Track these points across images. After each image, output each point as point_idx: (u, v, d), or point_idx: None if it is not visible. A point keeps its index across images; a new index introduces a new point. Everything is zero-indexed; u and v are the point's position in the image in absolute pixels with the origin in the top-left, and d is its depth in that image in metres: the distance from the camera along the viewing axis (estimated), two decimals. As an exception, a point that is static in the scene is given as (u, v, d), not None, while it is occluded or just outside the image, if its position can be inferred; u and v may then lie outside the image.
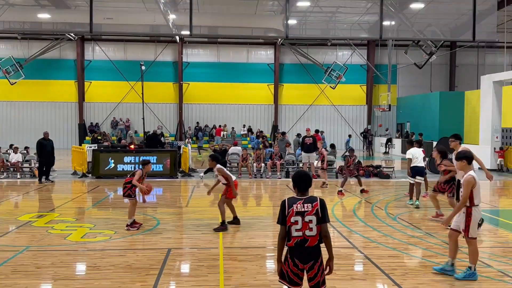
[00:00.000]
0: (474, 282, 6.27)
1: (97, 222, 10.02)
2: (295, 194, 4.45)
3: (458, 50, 36.62)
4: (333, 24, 32.68)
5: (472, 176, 6.28)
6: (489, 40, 25.82)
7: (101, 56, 37.86)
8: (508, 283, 6.26)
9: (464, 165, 6.49)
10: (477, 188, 6.28)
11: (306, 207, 4.24)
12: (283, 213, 4.30)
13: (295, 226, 4.23)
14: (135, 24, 24.46)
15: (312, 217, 4.22)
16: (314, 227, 4.22)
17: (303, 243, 4.23)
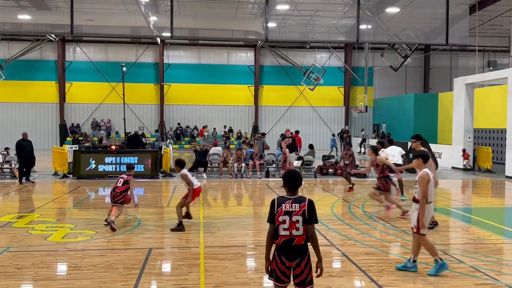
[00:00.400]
0: (447, 277, 6.51)
1: (78, 222, 10.06)
2: (285, 193, 4.52)
3: (432, 53, 37.42)
4: (312, 27, 33.10)
5: (427, 173, 6.55)
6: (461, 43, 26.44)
7: (82, 57, 37.57)
8: (480, 278, 6.50)
9: (420, 163, 6.74)
10: (430, 185, 6.53)
11: (293, 207, 4.31)
12: (272, 212, 4.37)
13: (283, 225, 4.30)
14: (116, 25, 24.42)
15: (298, 217, 4.28)
16: (301, 227, 4.29)
17: (290, 242, 4.31)
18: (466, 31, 22.75)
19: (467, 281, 6.38)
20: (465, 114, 22.37)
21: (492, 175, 20.32)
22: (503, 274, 6.77)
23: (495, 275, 6.63)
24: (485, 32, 33.98)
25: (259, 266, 7.11)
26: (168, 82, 38.15)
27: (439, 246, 8.14)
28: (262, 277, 6.59)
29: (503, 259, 7.68)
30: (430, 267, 6.85)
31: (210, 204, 13.01)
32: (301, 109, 39.70)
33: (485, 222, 10.57)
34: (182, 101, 38.72)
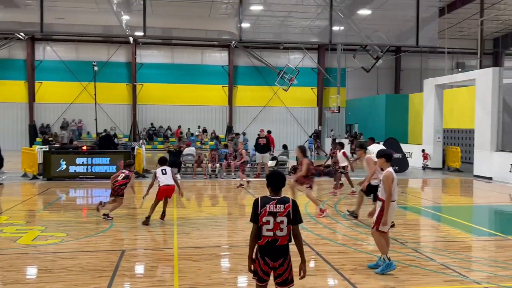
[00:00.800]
0: (418, 275, 6.64)
1: (48, 224, 9.87)
2: (268, 193, 4.50)
3: (403, 55, 38.12)
4: (285, 28, 33.24)
5: (391, 172, 6.64)
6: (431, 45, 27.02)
7: (52, 56, 36.82)
8: (449, 275, 6.65)
9: (383, 162, 6.83)
10: (394, 184, 6.60)
11: (278, 208, 4.30)
12: (255, 212, 4.34)
13: (266, 225, 4.29)
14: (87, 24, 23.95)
15: (283, 218, 4.28)
16: (285, 227, 4.29)
17: (273, 243, 4.31)
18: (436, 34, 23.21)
19: (437, 278, 6.53)
20: (435, 114, 22.85)
21: (461, 174, 20.83)
22: (472, 271, 6.96)
23: (464, 272, 6.80)
24: (454, 34, 34.78)
25: (233, 267, 7.13)
26: (140, 81, 37.75)
27: (410, 244, 8.31)
28: (236, 277, 6.61)
29: (472, 256, 7.90)
30: (401, 264, 6.99)
31: (184, 205, 12.94)
32: (275, 109, 39.87)
33: (454, 220, 10.84)
34: (155, 101, 38.38)
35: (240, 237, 8.96)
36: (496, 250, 8.26)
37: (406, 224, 10.19)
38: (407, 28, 30.32)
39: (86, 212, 11.57)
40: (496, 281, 6.42)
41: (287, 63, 34.91)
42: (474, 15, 31.03)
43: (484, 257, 7.82)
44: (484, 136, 19.10)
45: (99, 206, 10.31)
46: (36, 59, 36.79)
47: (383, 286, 6.20)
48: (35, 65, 36.66)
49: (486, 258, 7.69)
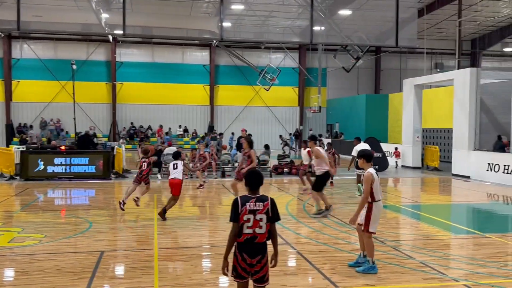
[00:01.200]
0: (398, 273, 6.71)
1: (25, 226, 9.69)
2: (247, 192, 4.58)
3: (383, 55, 38.52)
4: (266, 28, 33.29)
5: (371, 173, 6.58)
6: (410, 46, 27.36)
7: (30, 55, 36.15)
8: (428, 273, 6.73)
9: (363, 163, 6.80)
10: (376, 184, 6.59)
11: (257, 206, 4.42)
12: (235, 211, 4.42)
13: (247, 223, 4.39)
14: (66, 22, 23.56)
15: (263, 216, 4.40)
16: (264, 225, 4.41)
17: (253, 240, 4.42)
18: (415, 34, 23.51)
19: (417, 276, 6.60)
20: (414, 114, 23.12)
21: (439, 173, 21.12)
22: (450, 269, 7.06)
23: (443, 270, 6.89)
24: (433, 35, 35.29)
25: (214, 267, 7.09)
26: (120, 80, 37.36)
27: (390, 242, 8.39)
28: (217, 277, 6.57)
29: (450, 254, 8.01)
30: (381, 263, 7.04)
31: (164, 205, 12.82)
32: (256, 109, 39.89)
33: (433, 219, 10.98)
34: (135, 100, 38.02)
35: (220, 237, 8.92)
36: (474, 248, 8.39)
37: (386, 223, 10.29)
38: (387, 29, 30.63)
39: (65, 213, 11.41)
40: (474, 278, 6.51)
41: (269, 62, 34.98)
42: (452, 16, 31.54)
43: (462, 255, 7.94)
44: (462, 135, 19.40)
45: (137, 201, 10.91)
46: (13, 58, 36.11)
47: (364, 284, 6.24)
48: (12, 63, 35.98)
49: (464, 256, 7.81)
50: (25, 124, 36.15)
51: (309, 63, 40.00)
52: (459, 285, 6.29)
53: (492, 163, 17.78)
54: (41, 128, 35.84)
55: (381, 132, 30.71)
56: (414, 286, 6.24)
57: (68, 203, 13.62)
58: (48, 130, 35.31)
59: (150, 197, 13.91)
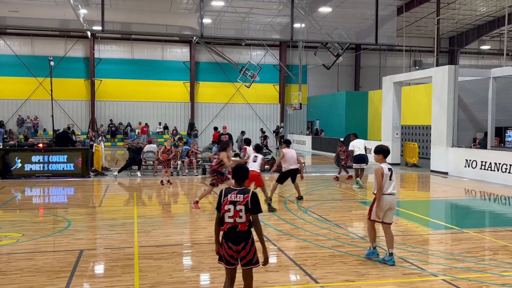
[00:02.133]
0: (378, 268, 6.78)
1: (3, 225, 9.50)
2: (233, 184, 4.95)
3: (362, 52, 38.85)
4: (247, 25, 33.29)
5: (381, 167, 6.98)
6: (389, 43, 27.62)
7: (5, 51, 35.39)
8: (408, 268, 6.81)
9: (380, 158, 7.12)
10: (385, 178, 6.93)
11: (238, 197, 4.73)
12: (219, 200, 4.80)
13: (228, 213, 4.72)
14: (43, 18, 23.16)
15: (242, 207, 4.69)
16: (244, 215, 4.70)
17: (234, 228, 4.73)
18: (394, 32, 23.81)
19: (396, 271, 6.67)
20: (393, 111, 23.33)
21: (418, 169, 21.40)
22: (429, 264, 7.16)
23: (422, 265, 6.98)
24: (412, 33, 35.73)
25: (195, 265, 7.07)
26: (99, 77, 36.90)
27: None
28: (198, 275, 6.55)
29: (429, 249, 8.12)
30: (361, 259, 7.10)
31: (144, 203, 12.75)
32: (237, 106, 39.86)
33: (412, 214, 11.12)
34: (115, 97, 37.61)
35: (202, 234, 8.89)
36: (452, 243, 8.52)
37: (366, 219, 10.37)
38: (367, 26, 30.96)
39: (43, 212, 11.23)
40: (452, 273, 6.62)
41: (249, 59, 34.97)
42: (430, 14, 31.97)
43: (440, 250, 8.05)
44: (440, 132, 19.68)
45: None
46: (-12, 54, 35.37)
47: (344, 280, 6.29)
48: (-13, 59, 35.24)
49: (443, 251, 7.92)
50: (2, 121, 35.44)
51: (290, 60, 40.10)
52: (438, 279, 6.38)
53: (469, 159, 18.08)
54: (18, 125, 35.19)
55: (361, 129, 30.93)
56: (394, 281, 6.31)
57: (46, 201, 13.41)
58: (25, 128, 34.69)
59: (130, 195, 13.79)
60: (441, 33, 34.33)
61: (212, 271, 6.61)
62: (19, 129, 34.92)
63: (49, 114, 23.24)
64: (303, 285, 6.21)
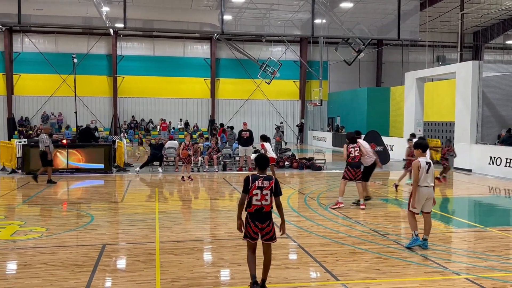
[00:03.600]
0: (399, 267, 6.72)
1: (27, 219, 9.70)
2: (257, 172, 5.70)
3: (384, 48, 38.38)
4: (268, 21, 33.19)
5: (418, 161, 7.46)
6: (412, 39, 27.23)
7: (31, 48, 36.11)
8: (430, 266, 6.72)
9: (419, 153, 7.60)
10: (421, 171, 7.40)
11: (264, 183, 5.57)
12: (247, 185, 5.57)
13: (255, 197, 5.55)
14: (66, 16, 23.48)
15: (268, 191, 5.56)
16: (269, 198, 5.58)
17: (260, 210, 5.57)
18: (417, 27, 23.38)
19: (418, 270, 6.60)
20: (416, 107, 23.05)
21: (441, 166, 21.06)
22: (451, 262, 7.05)
23: (444, 263, 6.89)
24: (435, 28, 35.13)
25: (216, 260, 7.11)
26: (121, 74, 37.32)
27: (391, 236, 8.40)
28: (219, 271, 6.59)
29: (452, 247, 8.00)
30: (383, 256, 7.04)
31: (166, 199, 12.87)
32: (257, 102, 39.84)
33: (435, 212, 10.96)
34: (136, 94, 38.01)
35: (222, 230, 8.93)
36: (475, 241, 8.39)
37: (387, 216, 10.30)
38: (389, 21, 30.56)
39: (67, 207, 11.43)
40: (475, 272, 6.52)
41: (270, 56, 34.88)
42: (454, 8, 31.40)
43: (463, 248, 7.94)
44: (464, 128, 19.35)
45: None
46: (14, 51, 36.08)
47: (365, 277, 6.24)
48: (13, 57, 35.95)
49: (466, 249, 7.81)
50: (27, 117, 36.20)
51: (311, 56, 39.87)
52: (461, 278, 6.29)
53: (494, 156, 17.74)
54: (42, 121, 35.88)
55: (382, 125, 30.65)
56: (416, 279, 6.24)
57: (70, 196, 13.64)
58: (50, 124, 35.34)
59: (152, 191, 13.94)
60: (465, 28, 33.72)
61: (232, 266, 6.64)
62: (44, 125, 35.57)
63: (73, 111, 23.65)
64: (324, 282, 6.18)
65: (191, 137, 16.61)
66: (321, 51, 35.02)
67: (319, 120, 41.15)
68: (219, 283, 6.13)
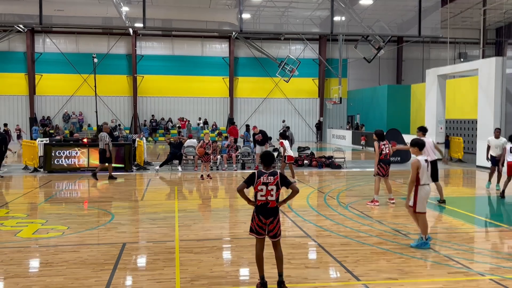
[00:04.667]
0: (422, 267, 6.61)
1: (49, 217, 9.83)
2: (262, 168, 5.76)
3: (405, 45, 37.90)
4: (286, 19, 33.08)
5: (417, 159, 7.31)
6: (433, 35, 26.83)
7: (52, 49, 36.67)
8: (453, 267, 6.59)
9: (416, 151, 7.48)
10: (422, 170, 7.20)
11: (269, 179, 5.66)
12: (251, 179, 5.68)
13: (260, 192, 5.66)
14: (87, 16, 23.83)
15: (273, 187, 5.64)
16: (274, 193, 5.66)
17: (265, 205, 5.66)
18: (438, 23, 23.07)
19: (441, 270, 6.47)
20: (437, 105, 22.71)
21: (463, 164, 20.75)
22: (475, 262, 6.91)
23: (468, 264, 6.75)
24: (456, 24, 34.59)
25: (235, 259, 7.08)
26: (141, 73, 37.62)
27: (413, 235, 8.26)
28: (238, 270, 6.56)
29: (475, 247, 7.84)
30: (405, 256, 6.93)
31: (185, 197, 12.90)
32: (276, 100, 39.75)
33: (457, 211, 10.77)
34: (156, 93, 38.28)
35: (241, 229, 8.90)
36: (500, 241, 8.21)
37: (408, 216, 10.11)
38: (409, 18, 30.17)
39: (87, 205, 11.55)
40: (500, 272, 6.36)
41: (288, 54, 34.78)
42: (477, 4, 30.82)
43: (487, 248, 7.76)
44: (487, 126, 18.98)
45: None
46: (36, 52, 36.67)
47: (387, 278, 6.15)
48: (35, 57, 36.55)
49: (490, 250, 7.64)
50: (48, 117, 36.77)
51: (330, 54, 39.61)
52: (485, 279, 6.15)
53: (518, 154, 17.32)
54: (64, 121, 36.41)
55: (403, 123, 30.29)
56: (439, 280, 6.11)
57: (91, 195, 13.79)
58: (71, 123, 35.85)
59: (171, 189, 14.00)
60: (487, 24, 33.08)
61: (251, 266, 6.61)
62: (65, 124, 36.13)
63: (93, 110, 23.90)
64: (344, 283, 6.11)
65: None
66: (340, 49, 34.76)
67: (338, 118, 40.86)
68: (239, 283, 6.11)
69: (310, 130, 39.99)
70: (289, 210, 10.45)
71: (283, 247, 6.11)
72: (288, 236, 8.24)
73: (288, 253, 7.05)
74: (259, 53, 36.88)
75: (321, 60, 38.56)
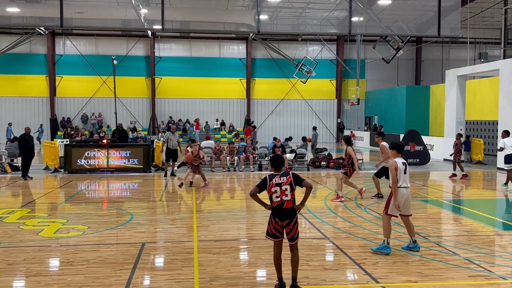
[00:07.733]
0: (442, 270, 6.53)
1: (70, 217, 9.98)
2: (273, 171, 5.82)
3: (424, 45, 37.51)
4: (304, 20, 33.01)
5: (395, 161, 7.28)
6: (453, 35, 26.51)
7: (72, 51, 37.25)
8: (474, 270, 6.51)
9: (394, 154, 7.45)
10: (399, 172, 7.21)
11: (281, 180, 5.66)
12: (263, 183, 5.70)
13: (275, 194, 5.65)
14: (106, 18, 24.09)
15: (287, 186, 5.63)
16: (289, 193, 5.63)
17: (281, 206, 5.64)
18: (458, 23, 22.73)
19: (462, 273, 6.39)
20: (457, 106, 22.42)
21: (483, 166, 20.44)
22: (496, 266, 6.80)
23: (489, 267, 6.65)
24: (477, 24, 34.08)
25: (253, 260, 7.10)
26: (159, 75, 37.94)
27: (433, 238, 8.17)
28: (256, 271, 6.58)
29: (496, 250, 7.72)
30: (424, 259, 6.86)
31: (203, 198, 12.96)
32: (293, 102, 39.70)
33: (477, 214, 10.62)
34: (174, 95, 38.56)
35: (259, 230, 8.91)
36: (522, 244, 8.06)
37: (428, 218, 10.03)
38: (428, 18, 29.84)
39: (107, 205, 11.68)
40: (522, 276, 6.26)
41: (305, 55, 34.71)
42: (497, 3, 30.35)
43: (509, 251, 7.63)
44: (508, 127, 18.64)
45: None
46: (57, 54, 37.27)
47: (406, 280, 6.09)
48: (55, 59, 37.14)
49: (511, 253, 7.51)
50: (68, 118, 37.31)
51: (347, 54, 39.41)
52: (507, 283, 6.05)
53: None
54: (83, 122, 36.90)
55: (422, 124, 29.97)
56: (459, 283, 6.04)
57: (110, 195, 13.94)
58: (90, 124, 36.32)
59: (189, 190, 14.07)
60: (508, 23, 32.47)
61: (269, 267, 6.61)
62: (84, 125, 36.61)
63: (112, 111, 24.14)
64: (363, 285, 6.08)
65: (200, 148, 15.82)
66: (358, 49, 34.55)
67: (356, 119, 40.63)
68: (257, 283, 6.12)
69: (328, 131, 39.84)
70: (307, 211, 10.43)
71: (301, 248, 6.10)
72: (306, 237, 8.22)
73: (306, 255, 7.04)
74: (276, 54, 36.88)
75: (338, 60, 38.40)
